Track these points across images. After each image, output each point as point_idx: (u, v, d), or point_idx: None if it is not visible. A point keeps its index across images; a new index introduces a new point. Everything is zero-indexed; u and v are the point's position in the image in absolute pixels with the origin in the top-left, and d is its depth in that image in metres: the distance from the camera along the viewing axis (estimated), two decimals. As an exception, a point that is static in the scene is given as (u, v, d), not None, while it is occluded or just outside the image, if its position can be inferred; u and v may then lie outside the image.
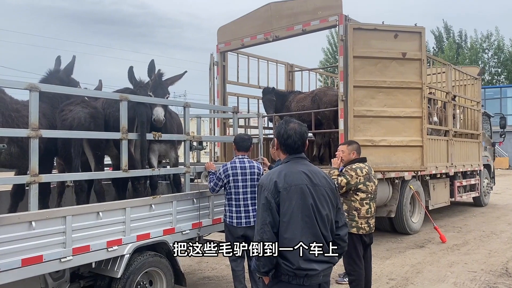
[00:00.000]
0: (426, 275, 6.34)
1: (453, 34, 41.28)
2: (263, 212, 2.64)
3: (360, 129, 7.64)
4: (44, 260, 3.58)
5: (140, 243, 4.38)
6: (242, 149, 5.03)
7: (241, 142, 5.07)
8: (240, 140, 5.08)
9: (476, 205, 13.05)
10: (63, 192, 5.41)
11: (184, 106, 5.29)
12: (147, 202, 4.54)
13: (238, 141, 5.09)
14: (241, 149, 5.03)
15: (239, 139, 5.11)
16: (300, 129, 2.85)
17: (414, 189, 9.15)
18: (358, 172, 4.88)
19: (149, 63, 5.24)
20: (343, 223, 2.86)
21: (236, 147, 5.07)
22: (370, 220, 4.96)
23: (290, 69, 12.01)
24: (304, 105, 9.48)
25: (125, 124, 4.52)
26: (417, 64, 7.92)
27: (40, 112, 3.98)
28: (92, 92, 5.06)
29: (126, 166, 4.54)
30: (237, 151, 5.06)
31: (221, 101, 9.85)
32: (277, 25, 8.72)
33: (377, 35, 7.78)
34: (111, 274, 4.20)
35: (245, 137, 5.21)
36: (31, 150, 3.74)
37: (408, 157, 7.86)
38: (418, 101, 7.88)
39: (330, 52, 38.80)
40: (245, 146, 5.05)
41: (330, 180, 2.86)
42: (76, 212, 3.88)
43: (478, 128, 12.43)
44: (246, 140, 5.10)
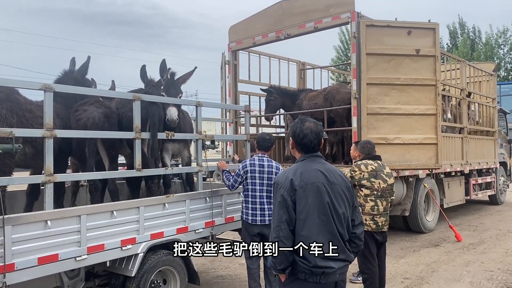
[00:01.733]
0: (442, 274, 6.26)
1: (468, 30, 40.72)
2: (279, 210, 2.63)
3: (374, 127, 7.58)
4: (60, 258, 3.61)
5: (154, 241, 4.39)
6: (262, 149, 5.05)
7: (262, 141, 5.08)
8: (262, 140, 5.10)
9: (492, 203, 12.86)
10: (77, 191, 5.47)
11: (196, 106, 5.30)
12: (161, 201, 4.56)
13: (260, 140, 5.10)
14: (262, 148, 5.05)
15: (261, 139, 5.12)
16: (316, 128, 2.84)
17: (429, 187, 9.05)
18: (362, 168, 4.90)
19: (161, 63, 5.26)
20: (359, 221, 2.84)
21: (257, 146, 5.08)
22: (377, 218, 4.89)
23: (301, 67, 11.96)
24: (316, 103, 9.42)
25: (138, 123, 4.54)
26: (431, 61, 7.83)
27: (54, 112, 4.02)
28: (106, 92, 5.09)
29: (140, 165, 4.56)
30: (257, 149, 5.09)
31: (232, 100, 9.86)
32: (288, 23, 8.69)
33: (390, 32, 7.71)
34: (126, 272, 4.22)
35: (266, 137, 5.21)
36: (46, 150, 3.77)
37: (423, 155, 7.78)
38: (432, 98, 7.80)
39: (341, 49, 38.54)
40: (265, 146, 5.06)
41: (346, 179, 2.84)
42: (90, 211, 3.91)
43: (493, 125, 12.25)
44: (267, 140, 5.11)
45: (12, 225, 3.33)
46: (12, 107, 4.14)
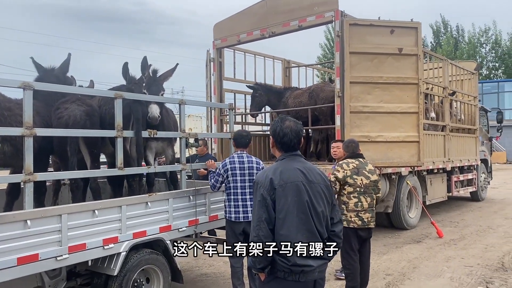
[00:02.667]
0: (423, 270, 6.36)
1: (451, 28, 41.28)
2: (259, 209, 2.65)
3: (357, 125, 7.65)
4: (40, 258, 3.58)
5: (136, 240, 4.38)
6: (240, 145, 5.07)
7: (240, 138, 5.11)
8: (239, 137, 5.13)
9: (473, 199, 13.10)
10: (59, 190, 5.42)
11: (180, 103, 5.29)
12: (143, 200, 4.54)
13: (237, 137, 5.13)
14: (240, 145, 5.07)
15: (238, 136, 5.16)
16: (296, 127, 2.86)
17: (411, 185, 9.17)
18: (344, 166, 4.97)
19: (142, 60, 5.23)
20: (338, 219, 2.88)
21: (235, 143, 5.11)
22: (361, 214, 4.95)
23: (287, 65, 11.99)
24: (301, 101, 9.47)
25: (120, 121, 4.51)
26: (413, 60, 7.92)
27: (34, 111, 3.97)
28: (87, 90, 5.05)
29: (122, 164, 4.53)
30: (236, 147, 5.12)
31: (217, 97, 9.84)
32: (273, 21, 8.70)
33: (373, 31, 7.78)
34: (108, 272, 4.20)
35: (243, 133, 5.25)
36: (26, 149, 3.73)
37: (405, 152, 7.88)
38: (415, 96, 7.89)
39: (328, 47, 38.77)
40: (244, 143, 5.08)
41: (325, 177, 2.87)
42: (71, 210, 3.88)
43: (475, 123, 12.47)
44: (245, 137, 5.13)
45: (-9, 225, 3.29)
46: None
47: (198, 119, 23.62)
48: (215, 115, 9.88)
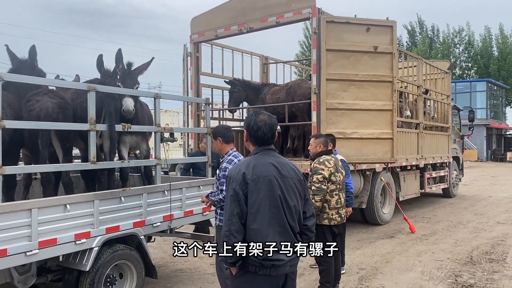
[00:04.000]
0: (395, 264, 6.50)
1: (426, 28, 42.08)
2: (231, 203, 2.65)
3: (332, 122, 7.72)
4: (9, 254, 3.51)
5: (109, 235, 4.33)
6: (231, 141, 4.41)
7: (228, 132, 4.43)
8: (226, 131, 4.44)
9: (445, 196, 13.42)
10: (30, 184, 5.29)
11: (155, 97, 5.24)
12: (116, 195, 4.49)
13: (225, 132, 4.39)
14: (230, 141, 4.39)
15: (225, 130, 4.48)
16: (270, 121, 2.86)
17: (385, 181, 9.33)
18: (327, 164, 4.97)
19: (117, 52, 5.16)
20: (310, 213, 2.90)
21: (225, 139, 4.32)
22: (340, 211, 5.05)
23: (265, 61, 12.00)
24: (279, 97, 9.50)
25: (93, 115, 4.44)
26: (388, 58, 8.04)
27: (5, 102, 3.87)
28: (60, 82, 4.93)
29: (95, 158, 4.47)
30: (225, 143, 4.33)
31: (194, 92, 9.78)
32: (251, 16, 8.68)
33: (349, 29, 7.86)
34: (80, 267, 4.14)
35: (227, 127, 4.73)
36: (-6, 142, 3.63)
37: (379, 149, 8.00)
38: (389, 94, 8.02)
39: (306, 45, 38.99)
40: (232, 137, 4.51)
41: (299, 172, 2.88)
42: (42, 204, 3.81)
43: (448, 121, 12.75)
44: (231, 130, 4.62)
45: (-43, 220, 3.20)
46: None
47: (175, 115, 23.37)
48: (192, 110, 9.82)
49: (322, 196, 4.86)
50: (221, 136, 4.31)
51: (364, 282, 5.71)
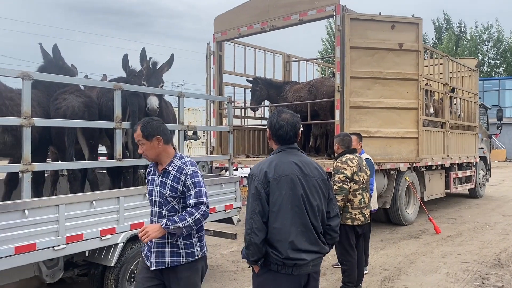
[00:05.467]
0: (419, 265, 6.39)
1: (453, 25, 41.16)
2: (253, 202, 2.65)
3: (356, 120, 7.64)
4: (38, 248, 3.60)
5: (134, 231, 4.39)
6: (170, 140, 3.24)
7: (166, 128, 3.15)
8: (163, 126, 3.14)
9: (472, 196, 13.11)
10: (57, 181, 5.43)
11: (179, 96, 5.29)
12: (141, 191, 4.55)
13: (163, 129, 3.10)
14: (170, 140, 3.22)
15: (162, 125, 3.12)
16: (292, 120, 2.83)
17: (410, 181, 9.18)
18: (350, 164, 4.91)
19: (141, 51, 5.24)
20: (334, 213, 2.86)
21: (165, 138, 3.08)
22: (364, 211, 4.99)
23: (287, 59, 11.96)
24: (301, 95, 9.46)
25: (119, 113, 4.51)
26: (413, 55, 7.90)
27: (35, 101, 3.98)
28: (86, 81, 5.03)
29: (120, 155, 4.54)
30: (166, 144, 3.09)
31: (217, 91, 9.82)
32: (273, 14, 8.66)
33: (374, 26, 7.75)
34: (105, 262, 4.23)
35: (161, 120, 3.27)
36: (24, 139, 3.73)
37: (404, 148, 7.88)
38: (414, 92, 7.89)
39: (329, 42, 38.67)
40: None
41: (322, 171, 2.86)
42: (69, 200, 3.89)
43: (475, 120, 12.46)
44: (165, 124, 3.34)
45: (-11, 214, 3.31)
46: None
47: (198, 113, 23.65)
48: (214, 108, 9.87)
49: (344, 195, 4.81)
50: (161, 134, 3.03)
51: (388, 283, 5.64)
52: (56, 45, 5.17)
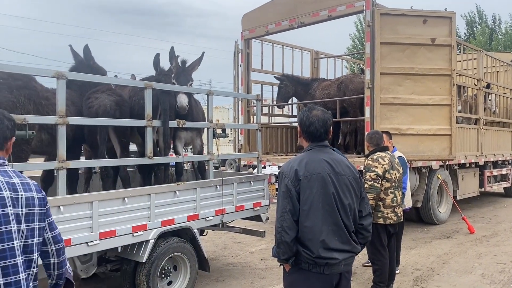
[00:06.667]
0: (453, 266, 6.22)
1: (486, 19, 39.81)
2: (283, 200, 2.62)
3: (387, 117, 7.50)
4: (72, 243, 3.69)
5: (164, 228, 4.46)
6: None
7: None
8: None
9: (507, 195, 12.67)
10: (90, 178, 5.55)
11: (208, 94, 5.32)
12: (172, 189, 4.61)
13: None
14: None
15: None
16: (323, 117, 2.78)
17: (442, 179, 8.96)
18: (381, 161, 4.82)
19: (170, 50, 5.30)
20: (367, 212, 2.80)
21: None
22: (396, 209, 4.89)
23: (315, 56, 11.85)
24: (330, 92, 9.37)
25: (150, 111, 4.57)
26: (446, 50, 7.69)
27: (68, 100, 4.07)
28: (118, 80, 5.12)
29: (151, 153, 4.60)
30: None
31: (245, 89, 9.83)
32: (302, 11, 8.59)
33: (405, 21, 7.58)
34: (137, 258, 4.30)
35: None
36: (59, 137, 3.83)
37: (436, 145, 7.69)
38: (447, 88, 7.67)
39: (358, 38, 38.06)
40: None
41: (354, 169, 2.80)
42: (102, 197, 3.98)
43: (511, 117, 12.03)
44: None
45: (26, 210, 3.40)
46: (29, 94, 4.21)
47: (225, 111, 23.74)
48: (242, 106, 9.89)
49: (375, 194, 4.73)
50: None
51: (420, 283, 5.52)
52: (87, 45, 5.28)
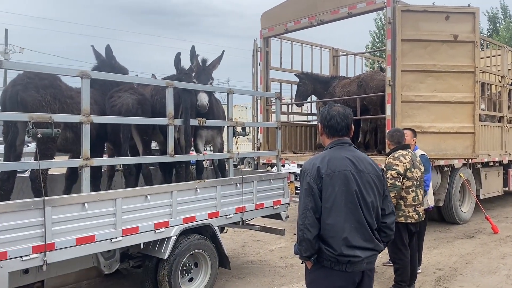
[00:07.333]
0: (476, 266, 6.12)
1: (510, 14, 38.86)
2: (305, 197, 2.62)
3: (408, 115, 7.41)
4: (97, 240, 3.77)
5: (186, 225, 4.51)
6: None
7: None
8: None
9: (532, 195, 12.38)
10: (113, 175, 5.64)
11: (228, 93, 5.34)
12: (193, 186, 4.65)
13: None
14: None
15: None
16: (344, 111, 2.78)
17: (465, 178, 8.80)
18: (402, 160, 4.77)
19: (191, 49, 5.35)
20: (390, 210, 2.78)
21: None
22: (418, 208, 4.84)
23: (334, 53, 11.77)
24: (350, 90, 9.29)
25: (171, 110, 4.62)
26: (469, 47, 7.56)
27: (91, 99, 4.14)
28: (140, 79, 5.19)
29: (173, 151, 4.65)
30: None
31: (264, 87, 9.83)
32: (321, 8, 8.54)
33: (426, 17, 7.48)
34: (159, 255, 4.36)
35: None
36: (83, 135, 3.91)
37: (459, 144, 7.57)
38: (471, 85, 7.54)
39: (377, 35, 37.61)
40: None
41: (377, 167, 2.78)
42: (125, 194, 4.05)
43: (536, 114, 11.71)
44: None
45: (52, 207, 3.50)
46: (55, 93, 4.30)
47: (243, 109, 23.79)
48: (261, 104, 9.89)
49: (396, 192, 4.68)
50: None
51: (442, 283, 5.44)
52: (108, 45, 5.36)
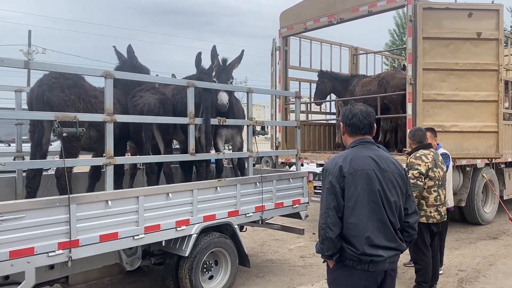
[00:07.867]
0: (500, 267, 6.00)
1: (535, 10, 37.88)
2: (328, 196, 2.62)
3: (430, 114, 7.31)
4: (119, 237, 3.84)
5: (206, 223, 4.55)
6: None
7: None
8: None
9: (558, 196, 12.05)
10: (135, 174, 5.73)
11: (247, 92, 5.36)
12: (213, 185, 4.69)
13: None
14: None
15: None
16: (366, 109, 2.77)
17: (487, 178, 8.63)
18: (424, 159, 4.71)
19: (212, 49, 5.40)
20: (413, 210, 2.76)
21: None
22: (440, 208, 4.78)
23: (354, 52, 11.67)
24: (370, 89, 9.21)
25: (192, 109, 4.67)
26: (493, 45, 7.40)
27: (114, 98, 4.22)
28: (161, 79, 5.26)
29: (194, 150, 4.70)
30: None
31: (282, 86, 9.81)
32: (341, 7, 8.48)
33: (449, 15, 7.36)
34: (180, 252, 4.41)
35: None
36: (107, 134, 3.98)
37: (482, 143, 7.43)
38: (494, 84, 7.39)
39: (397, 33, 37.16)
40: None
41: (400, 166, 2.76)
42: (147, 192, 4.11)
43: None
44: None
45: (77, 204, 3.58)
46: (79, 93, 4.40)
47: (261, 108, 23.81)
48: (280, 103, 9.88)
49: (418, 192, 4.63)
50: None
51: (465, 285, 5.36)
52: (130, 45, 5.45)
